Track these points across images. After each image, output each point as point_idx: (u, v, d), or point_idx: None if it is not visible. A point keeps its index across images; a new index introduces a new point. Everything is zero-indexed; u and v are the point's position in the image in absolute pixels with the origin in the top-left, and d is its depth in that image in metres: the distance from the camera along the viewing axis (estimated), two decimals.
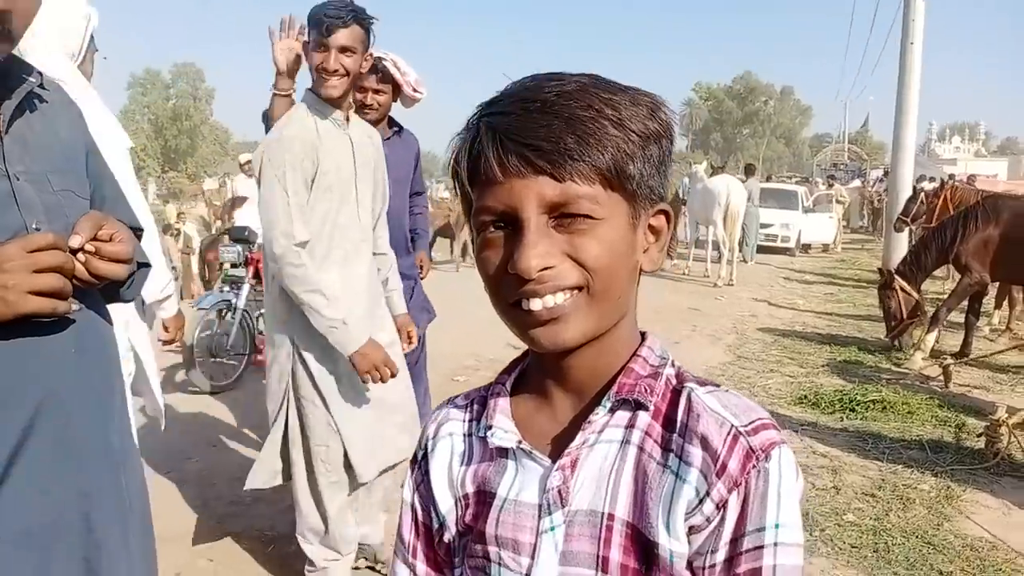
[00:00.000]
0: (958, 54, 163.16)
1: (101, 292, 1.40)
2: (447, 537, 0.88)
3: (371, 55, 2.64)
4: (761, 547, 0.73)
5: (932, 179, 15.55)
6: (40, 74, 1.36)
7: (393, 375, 2.60)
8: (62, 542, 1.28)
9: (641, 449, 0.78)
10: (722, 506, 0.74)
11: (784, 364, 6.89)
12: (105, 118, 2.48)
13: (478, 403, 0.91)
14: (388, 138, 3.36)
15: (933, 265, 7.13)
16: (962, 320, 7.25)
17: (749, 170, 16.27)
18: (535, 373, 0.87)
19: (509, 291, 0.76)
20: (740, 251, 13.60)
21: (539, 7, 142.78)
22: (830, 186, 22.57)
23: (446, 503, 0.88)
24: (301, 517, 2.73)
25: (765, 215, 16.09)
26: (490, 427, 0.84)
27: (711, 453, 0.75)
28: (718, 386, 0.81)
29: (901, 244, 11.10)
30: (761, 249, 16.15)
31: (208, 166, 56.33)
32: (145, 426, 4.73)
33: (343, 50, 2.48)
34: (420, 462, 0.93)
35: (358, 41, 2.52)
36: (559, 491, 0.79)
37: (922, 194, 10.24)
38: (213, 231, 11.42)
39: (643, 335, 0.86)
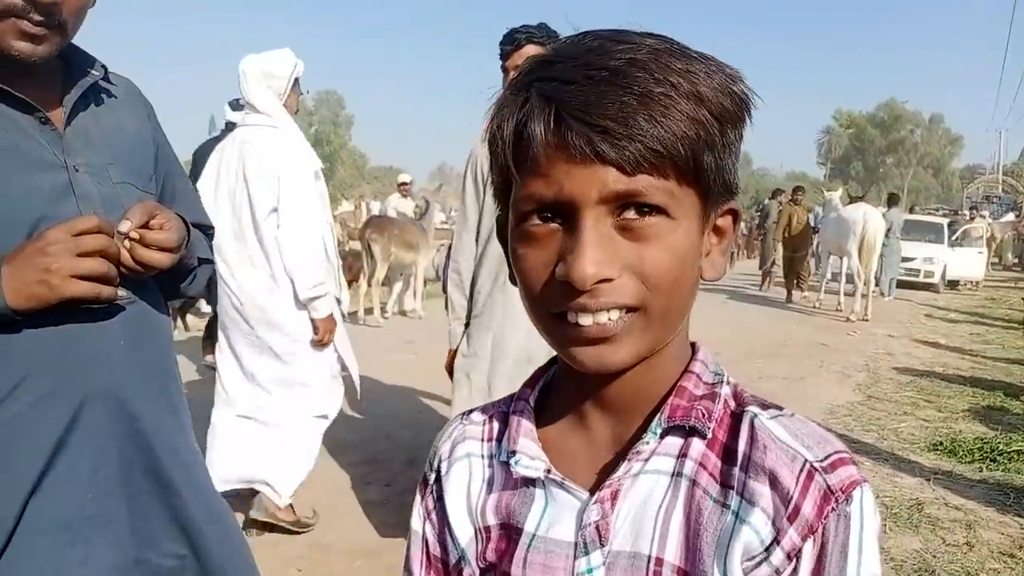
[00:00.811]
0: None
1: (162, 286, 1.42)
2: (466, 573, 0.76)
3: None
4: None
5: None
6: (104, 67, 1.38)
7: None
8: (104, 535, 1.27)
9: (695, 483, 0.67)
10: (795, 556, 0.63)
11: (920, 407, 6.43)
12: (300, 143, 3.25)
13: (498, 420, 0.80)
14: None
15: None
16: None
17: (892, 200, 15.28)
18: (567, 388, 0.74)
19: (554, 300, 0.64)
20: (876, 285, 12.88)
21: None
22: (972, 219, 21.01)
23: (465, 534, 0.76)
24: None
25: (907, 248, 15.18)
26: (513, 453, 0.73)
27: (781, 493, 0.63)
28: (782, 409, 0.70)
29: None
30: (902, 284, 15.22)
31: (345, 189, 58.73)
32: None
33: None
34: (432, 486, 0.81)
35: None
36: (597, 528, 0.67)
37: None
38: (346, 249, 11.78)
39: (693, 346, 0.75)
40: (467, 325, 2.78)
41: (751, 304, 13.36)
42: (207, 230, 1.67)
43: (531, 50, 2.63)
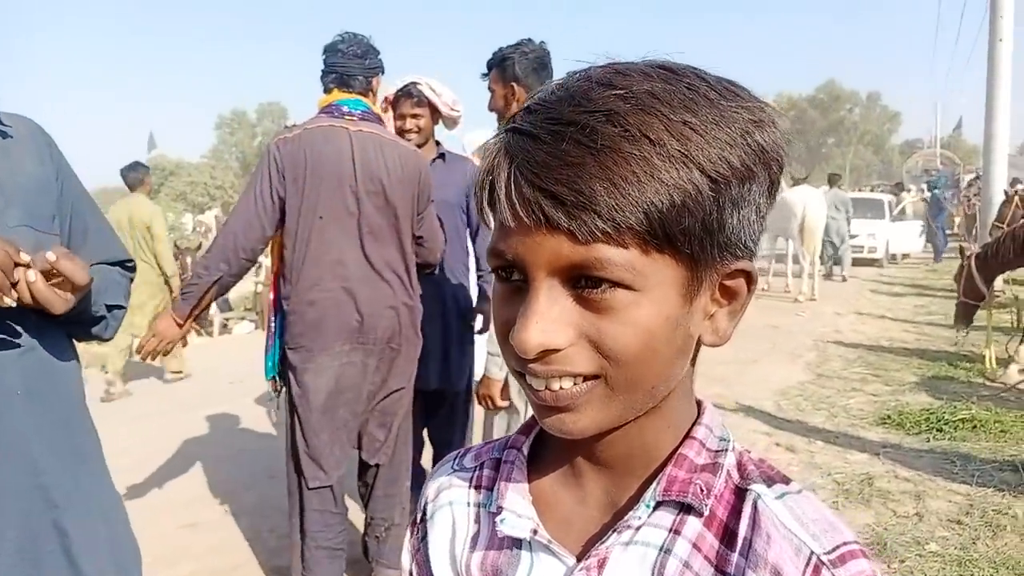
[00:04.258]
0: None
1: (75, 332, 1.38)
2: None
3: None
4: None
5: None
6: None
7: None
8: None
9: (687, 567, 0.62)
10: None
11: (868, 382, 6.57)
12: None
13: (489, 467, 0.75)
14: (432, 161, 3.36)
15: (1013, 259, 6.62)
16: None
17: (832, 180, 15.26)
18: (562, 441, 0.67)
19: (515, 359, 0.60)
20: (823, 264, 13.09)
21: (597, 5, 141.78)
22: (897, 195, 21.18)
23: None
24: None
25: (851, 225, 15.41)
26: (500, 508, 0.68)
27: None
28: (789, 482, 0.64)
29: None
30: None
31: None
32: (211, 456, 4.87)
33: None
34: (419, 526, 0.80)
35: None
36: None
37: (1016, 197, 9.74)
38: None
39: (699, 406, 0.68)
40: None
41: None
42: (125, 264, 1.62)
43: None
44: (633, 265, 0.55)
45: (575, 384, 0.58)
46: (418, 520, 0.80)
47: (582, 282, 0.56)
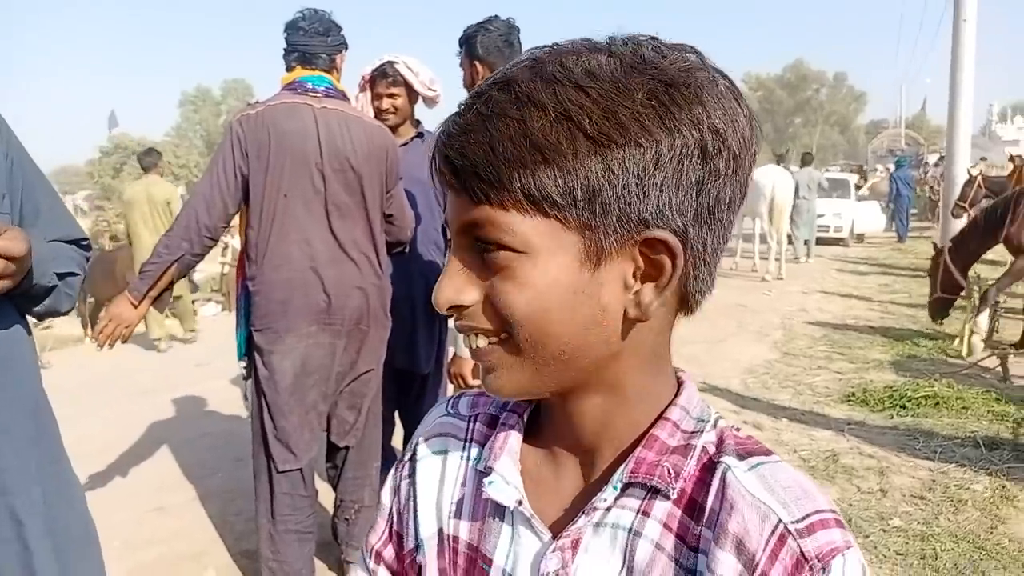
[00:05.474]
0: (1020, 31, 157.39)
1: (27, 306, 1.34)
2: (418, 560, 0.74)
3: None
4: None
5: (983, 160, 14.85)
6: None
7: None
8: None
9: (659, 548, 0.61)
10: None
11: (833, 360, 6.66)
12: None
13: (482, 422, 0.75)
14: (405, 143, 3.32)
15: (981, 245, 6.77)
16: (1021, 308, 6.92)
17: (805, 159, 14.82)
18: (549, 417, 0.69)
19: None
20: (790, 244, 13.19)
21: None
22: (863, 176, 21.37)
23: (428, 528, 0.74)
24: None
25: (817, 205, 15.46)
26: (490, 470, 0.67)
27: (746, 559, 0.56)
28: (770, 453, 0.62)
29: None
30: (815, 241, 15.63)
31: None
32: (177, 440, 4.81)
33: None
34: (408, 463, 0.78)
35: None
36: None
37: (979, 177, 9.88)
38: None
39: (679, 384, 0.67)
40: None
41: None
42: (80, 243, 1.58)
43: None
44: (512, 227, 0.56)
45: (488, 342, 0.61)
46: (407, 459, 0.79)
47: (479, 243, 0.59)
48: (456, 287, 0.61)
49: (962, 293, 6.81)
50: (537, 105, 0.55)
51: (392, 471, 0.81)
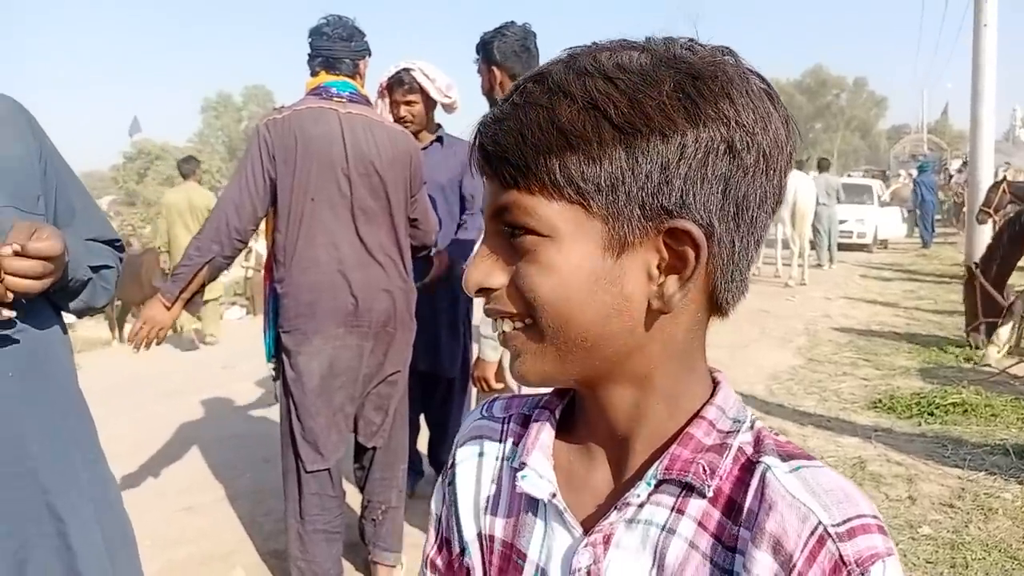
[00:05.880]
0: None
1: (64, 301, 1.35)
2: (467, 563, 0.75)
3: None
4: None
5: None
6: None
7: None
8: None
9: (693, 546, 0.60)
10: None
11: (858, 366, 6.60)
12: None
13: (516, 422, 0.75)
14: (424, 148, 3.34)
15: (1011, 256, 6.67)
16: None
17: (821, 165, 14.89)
18: (583, 412, 0.69)
19: None
20: (813, 250, 13.10)
21: None
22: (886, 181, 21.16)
23: (470, 530, 0.75)
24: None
25: (840, 210, 15.36)
26: (523, 465, 0.68)
27: (783, 559, 0.55)
28: (812, 458, 0.61)
29: (984, 237, 10.56)
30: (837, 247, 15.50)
31: None
32: (205, 441, 4.86)
33: None
34: (448, 470, 0.79)
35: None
36: (589, 574, 0.63)
37: (1004, 183, 9.76)
38: None
39: (715, 384, 0.67)
40: None
41: None
42: (114, 243, 1.60)
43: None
44: (538, 210, 0.58)
45: (514, 327, 0.62)
46: (449, 466, 0.80)
47: (507, 228, 0.61)
48: (484, 270, 0.62)
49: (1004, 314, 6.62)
50: (567, 95, 0.57)
51: (439, 478, 0.82)
